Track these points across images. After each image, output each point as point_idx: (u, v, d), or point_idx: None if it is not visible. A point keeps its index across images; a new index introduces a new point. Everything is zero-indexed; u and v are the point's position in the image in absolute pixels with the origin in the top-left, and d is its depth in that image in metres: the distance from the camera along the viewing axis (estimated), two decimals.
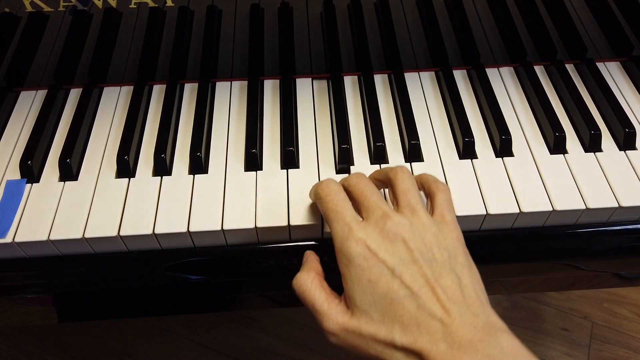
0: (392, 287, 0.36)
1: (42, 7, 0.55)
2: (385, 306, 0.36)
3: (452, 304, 0.35)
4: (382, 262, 0.37)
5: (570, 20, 0.61)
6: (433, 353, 0.33)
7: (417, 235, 0.38)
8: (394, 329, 0.35)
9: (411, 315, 0.35)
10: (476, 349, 0.33)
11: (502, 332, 0.35)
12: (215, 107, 0.57)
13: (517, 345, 0.34)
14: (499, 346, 0.33)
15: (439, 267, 0.37)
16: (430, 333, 0.34)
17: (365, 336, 0.36)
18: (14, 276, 0.49)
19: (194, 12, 0.58)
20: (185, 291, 0.54)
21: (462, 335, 0.34)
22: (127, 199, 0.49)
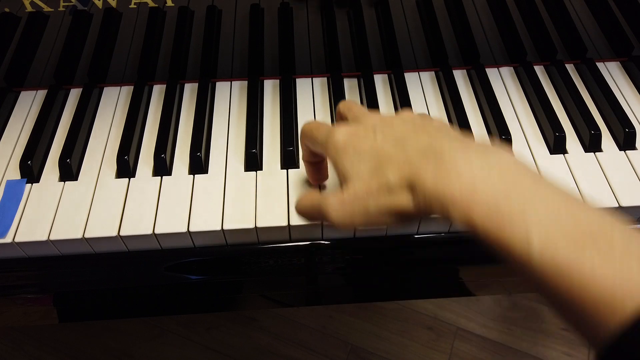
0: (377, 142, 0.36)
1: (42, 7, 0.55)
2: (373, 159, 0.35)
3: (438, 132, 0.34)
4: (364, 135, 0.37)
5: (570, 20, 0.61)
6: (422, 169, 0.32)
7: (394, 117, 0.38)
8: (384, 169, 0.34)
9: (396, 153, 0.34)
10: (469, 150, 0.32)
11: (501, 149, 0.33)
12: (215, 107, 0.57)
13: (517, 159, 0.32)
14: (497, 156, 0.32)
15: (420, 121, 0.37)
16: (418, 156, 0.33)
17: (360, 195, 0.35)
18: (14, 276, 0.49)
19: (194, 12, 0.58)
20: (185, 291, 0.54)
21: (452, 147, 0.33)
22: (127, 199, 0.49)
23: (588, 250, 0.26)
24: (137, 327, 1.21)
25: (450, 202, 0.30)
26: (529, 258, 0.27)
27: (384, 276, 0.54)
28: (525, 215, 0.28)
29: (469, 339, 1.18)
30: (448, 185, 0.31)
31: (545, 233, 0.27)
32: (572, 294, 0.26)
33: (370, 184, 0.35)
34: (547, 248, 0.27)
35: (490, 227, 0.29)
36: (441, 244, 0.50)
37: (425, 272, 0.54)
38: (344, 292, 0.57)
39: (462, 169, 0.31)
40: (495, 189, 0.29)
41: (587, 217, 0.27)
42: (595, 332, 0.26)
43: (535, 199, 0.29)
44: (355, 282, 0.55)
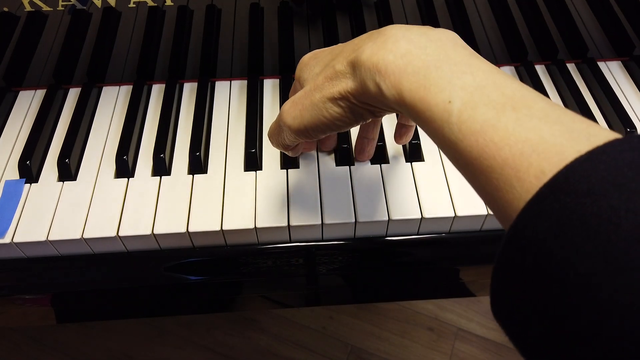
0: (335, 49, 0.36)
1: (41, 7, 0.55)
2: (327, 58, 0.35)
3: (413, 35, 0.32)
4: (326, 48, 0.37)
5: (571, 20, 0.60)
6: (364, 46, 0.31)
7: None
8: (333, 60, 0.34)
9: (349, 46, 0.34)
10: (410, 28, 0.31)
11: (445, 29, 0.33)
12: (214, 107, 0.57)
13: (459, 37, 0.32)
14: (441, 32, 0.31)
15: None
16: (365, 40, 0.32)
17: (309, 92, 0.34)
18: (13, 277, 0.49)
19: (194, 11, 0.58)
20: (185, 292, 0.54)
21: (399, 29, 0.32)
22: (126, 199, 0.48)
23: (506, 113, 0.26)
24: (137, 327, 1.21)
25: (383, 74, 0.30)
26: (450, 120, 0.27)
27: (384, 277, 0.54)
28: (451, 81, 0.28)
29: (469, 340, 1.18)
30: (383, 57, 0.30)
31: (468, 96, 0.27)
32: (486, 154, 0.25)
33: (318, 79, 0.34)
34: (466, 109, 0.27)
35: (416, 97, 0.29)
36: (441, 244, 0.50)
37: (426, 273, 0.54)
38: (344, 292, 0.57)
39: (399, 42, 0.30)
40: (427, 59, 0.29)
41: (513, 88, 0.27)
42: (505, 200, 0.25)
43: (465, 69, 0.28)
44: (355, 282, 0.55)
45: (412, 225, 0.48)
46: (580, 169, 0.22)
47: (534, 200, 0.23)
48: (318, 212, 0.47)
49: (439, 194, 0.49)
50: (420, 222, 0.48)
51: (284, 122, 0.36)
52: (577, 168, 0.22)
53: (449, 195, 0.48)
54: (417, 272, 0.47)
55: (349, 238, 0.49)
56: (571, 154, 0.22)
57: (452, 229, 0.49)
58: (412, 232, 0.49)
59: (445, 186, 0.49)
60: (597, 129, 0.24)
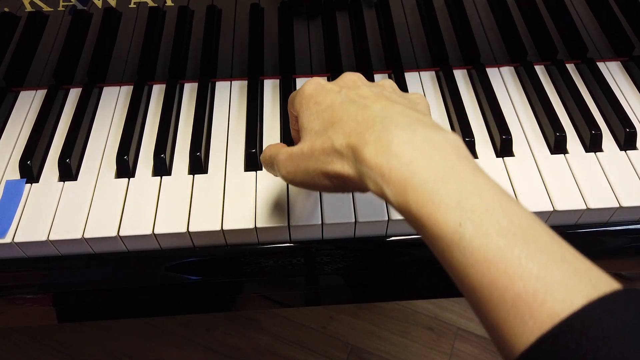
0: (336, 100, 0.35)
1: (41, 7, 0.55)
2: (327, 116, 0.34)
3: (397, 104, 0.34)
4: (330, 89, 0.36)
5: (570, 20, 0.61)
6: (366, 137, 0.31)
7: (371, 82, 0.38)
8: (333, 130, 0.33)
9: (349, 115, 0.33)
10: (415, 129, 0.31)
11: (450, 131, 0.33)
12: (215, 107, 0.57)
13: (462, 143, 0.32)
14: (443, 136, 0.31)
15: (388, 93, 0.36)
16: (367, 122, 0.32)
17: (306, 151, 0.34)
18: (14, 276, 0.49)
19: (194, 11, 0.58)
20: (185, 291, 0.54)
21: (402, 120, 0.32)
22: (126, 199, 0.49)
23: (518, 244, 0.26)
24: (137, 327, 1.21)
25: (387, 179, 0.30)
26: (460, 244, 0.27)
27: (384, 276, 0.54)
28: (461, 201, 0.28)
29: (469, 340, 1.18)
30: (387, 161, 0.30)
31: (478, 220, 0.27)
32: (498, 285, 0.26)
33: (315, 144, 0.34)
34: (478, 236, 0.27)
35: (424, 212, 0.28)
36: None
37: (426, 273, 0.54)
38: (344, 292, 0.57)
39: (404, 147, 0.30)
40: (434, 172, 0.29)
41: (519, 214, 0.28)
42: (512, 332, 0.25)
43: (472, 188, 0.28)
44: (355, 282, 0.55)
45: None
46: (593, 315, 0.24)
47: (548, 337, 0.24)
48: (318, 212, 0.47)
49: None
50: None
51: (279, 170, 0.37)
52: (590, 313, 0.24)
53: None
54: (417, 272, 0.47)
55: (349, 238, 0.49)
56: (580, 299, 0.24)
57: None
58: (412, 232, 0.49)
59: None
60: (596, 272, 0.27)
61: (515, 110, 0.57)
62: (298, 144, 0.36)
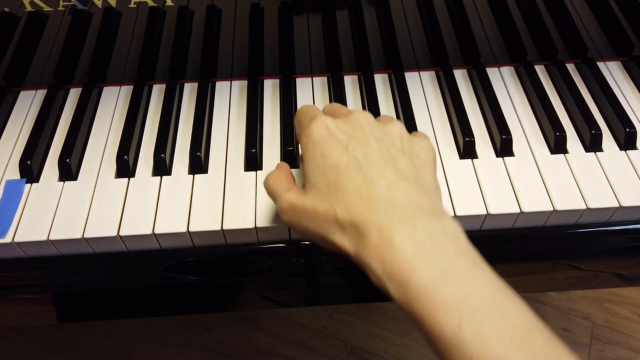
0: (342, 159, 0.35)
1: (41, 7, 0.55)
2: (332, 178, 0.35)
3: (401, 180, 0.34)
4: (337, 139, 0.36)
5: (570, 20, 0.61)
6: (370, 222, 0.32)
7: (380, 127, 0.38)
8: (337, 198, 0.34)
9: (355, 185, 0.34)
10: (417, 223, 0.32)
11: (449, 217, 0.33)
12: (215, 107, 0.57)
13: (460, 232, 0.33)
14: (443, 227, 0.32)
15: (395, 152, 0.36)
16: (372, 202, 0.33)
17: (309, 210, 0.35)
18: (14, 276, 0.49)
19: (194, 11, 0.58)
20: (185, 291, 0.54)
21: (405, 210, 0.32)
22: (126, 199, 0.49)
23: (515, 349, 0.27)
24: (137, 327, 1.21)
25: (387, 275, 0.31)
26: (459, 347, 0.28)
27: None
28: (460, 302, 0.29)
29: None
30: (389, 255, 0.31)
31: (477, 323, 0.28)
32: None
33: (318, 207, 0.35)
34: (476, 340, 0.28)
35: (425, 311, 0.29)
36: None
37: None
38: (344, 292, 0.57)
39: (406, 243, 0.31)
40: (434, 272, 0.30)
41: (515, 313, 0.29)
42: None
43: (471, 288, 0.29)
44: (355, 282, 0.55)
45: None
46: None
47: None
48: None
49: None
50: None
51: (280, 214, 0.38)
52: None
53: (449, 195, 0.48)
54: None
55: None
56: None
57: None
58: None
59: (445, 186, 0.49)
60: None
61: (515, 110, 0.57)
62: (301, 194, 0.37)
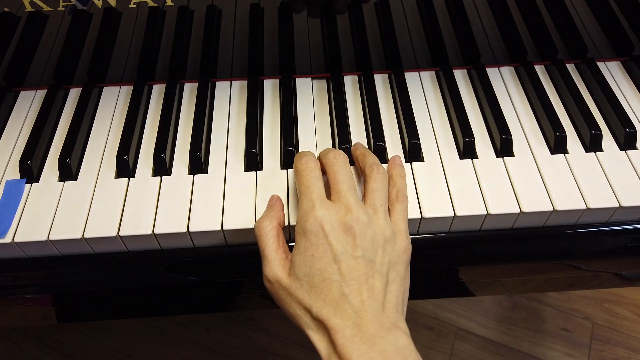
0: (328, 269, 0.40)
1: (41, 7, 0.55)
2: (316, 281, 0.40)
3: (371, 301, 0.40)
4: (328, 245, 0.41)
5: (570, 20, 0.61)
6: (340, 335, 0.38)
7: (369, 234, 0.42)
8: (317, 302, 0.40)
9: (334, 297, 0.39)
10: (374, 343, 0.38)
11: (403, 333, 0.39)
12: (215, 107, 0.57)
13: (410, 347, 0.38)
14: (394, 344, 0.38)
15: (375, 268, 0.41)
16: (343, 317, 0.39)
17: (292, 296, 0.41)
18: (14, 276, 0.49)
19: (194, 11, 0.58)
20: (185, 291, 0.54)
21: (368, 328, 0.38)
22: (126, 199, 0.49)
23: None
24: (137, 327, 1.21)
25: None
26: None
27: None
28: None
29: (469, 339, 1.18)
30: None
31: None
32: None
33: (300, 299, 0.40)
34: None
35: None
36: (441, 244, 0.50)
37: (426, 273, 0.54)
38: None
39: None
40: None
41: None
42: None
43: None
44: None
45: (412, 225, 0.48)
46: None
47: None
48: None
49: (438, 194, 0.49)
50: (420, 221, 0.48)
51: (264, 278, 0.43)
52: None
53: (449, 195, 0.48)
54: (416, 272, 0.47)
55: None
56: None
57: (451, 228, 0.49)
58: (411, 232, 0.49)
59: (445, 186, 0.49)
60: None
61: (515, 110, 0.57)
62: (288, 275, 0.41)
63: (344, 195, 0.43)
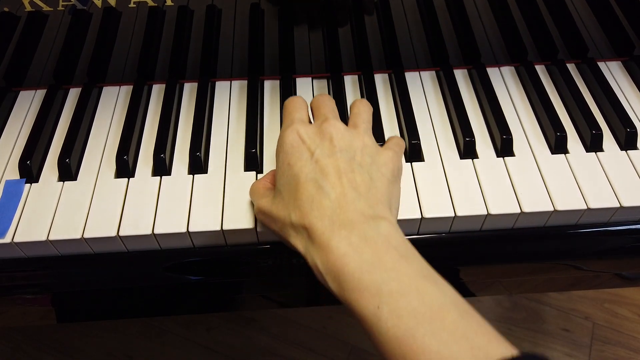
0: (304, 169, 0.39)
1: (41, 7, 0.55)
2: (293, 186, 0.38)
3: (351, 190, 0.37)
4: (306, 149, 0.40)
5: (571, 20, 0.60)
6: (317, 227, 0.36)
7: (347, 138, 0.41)
8: (294, 205, 0.38)
9: (310, 194, 0.37)
10: (354, 227, 0.35)
11: (387, 221, 0.37)
12: (214, 107, 0.57)
13: (394, 231, 0.36)
14: (376, 229, 0.36)
15: (356, 163, 0.39)
16: (320, 209, 0.37)
17: (273, 215, 0.40)
18: (13, 276, 0.49)
19: (194, 11, 0.58)
20: (185, 292, 0.54)
21: (348, 215, 0.36)
22: (126, 199, 0.48)
23: (424, 325, 0.31)
24: (137, 327, 1.21)
25: (326, 271, 0.35)
26: (378, 324, 0.32)
27: None
28: (381, 288, 0.33)
29: None
30: (326, 256, 0.35)
31: (394, 303, 0.32)
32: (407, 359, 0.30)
33: (280, 212, 0.39)
34: (392, 317, 0.31)
35: (352, 298, 0.34)
36: (441, 244, 0.50)
37: None
38: None
39: (341, 243, 0.35)
40: (362, 264, 0.34)
41: (432, 294, 0.32)
42: None
43: (393, 275, 0.33)
44: None
45: (412, 225, 0.48)
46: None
47: None
48: None
49: (438, 194, 0.49)
50: (420, 222, 0.48)
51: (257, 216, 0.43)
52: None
53: (449, 195, 0.48)
54: None
55: None
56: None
57: (452, 228, 0.49)
58: (411, 232, 0.49)
59: (445, 186, 0.49)
60: (494, 344, 0.30)
61: (516, 110, 0.57)
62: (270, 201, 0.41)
63: (323, 114, 0.43)
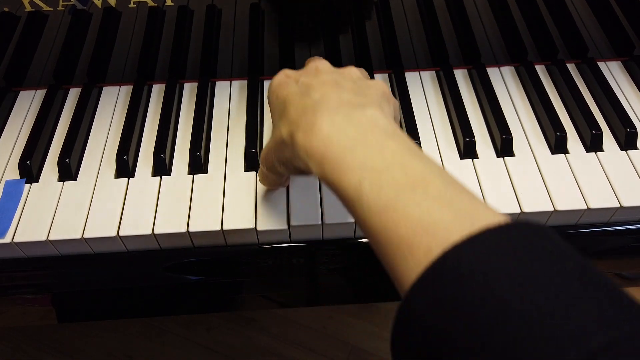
0: (290, 91, 0.37)
1: (41, 7, 0.55)
2: (281, 108, 0.37)
3: (338, 89, 0.36)
4: (292, 81, 0.39)
5: (571, 20, 0.60)
6: (300, 120, 0.34)
7: (333, 68, 0.39)
8: (282, 121, 0.37)
9: (296, 105, 0.36)
10: (338, 111, 0.34)
11: (375, 108, 0.34)
12: (215, 107, 0.57)
13: (382, 116, 0.34)
14: (362, 112, 0.34)
15: (345, 81, 0.38)
16: (304, 108, 0.35)
17: (270, 146, 0.39)
18: (13, 276, 0.49)
19: (194, 11, 0.58)
20: (185, 291, 0.54)
21: (332, 103, 0.34)
22: (126, 199, 0.48)
23: (406, 194, 0.29)
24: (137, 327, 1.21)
25: (310, 156, 0.33)
26: (360, 199, 0.30)
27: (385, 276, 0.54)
28: (364, 163, 0.31)
29: None
30: (309, 141, 0.33)
31: (376, 178, 0.30)
32: (387, 230, 0.29)
33: (274, 136, 0.38)
34: (373, 190, 0.30)
35: (335, 177, 0.32)
36: None
37: None
38: (344, 292, 0.57)
39: (323, 125, 0.33)
40: (345, 143, 0.32)
41: (415, 167, 0.30)
42: (400, 272, 0.28)
43: (377, 152, 0.31)
44: (355, 282, 0.55)
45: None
46: (459, 251, 0.25)
47: (421, 277, 0.26)
48: (318, 212, 0.47)
49: None
50: None
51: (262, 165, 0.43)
52: (457, 249, 0.25)
53: None
54: None
55: (349, 238, 0.49)
56: (455, 235, 0.26)
57: None
58: None
59: None
60: (482, 210, 0.28)
61: (516, 110, 0.57)
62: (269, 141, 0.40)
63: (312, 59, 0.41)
